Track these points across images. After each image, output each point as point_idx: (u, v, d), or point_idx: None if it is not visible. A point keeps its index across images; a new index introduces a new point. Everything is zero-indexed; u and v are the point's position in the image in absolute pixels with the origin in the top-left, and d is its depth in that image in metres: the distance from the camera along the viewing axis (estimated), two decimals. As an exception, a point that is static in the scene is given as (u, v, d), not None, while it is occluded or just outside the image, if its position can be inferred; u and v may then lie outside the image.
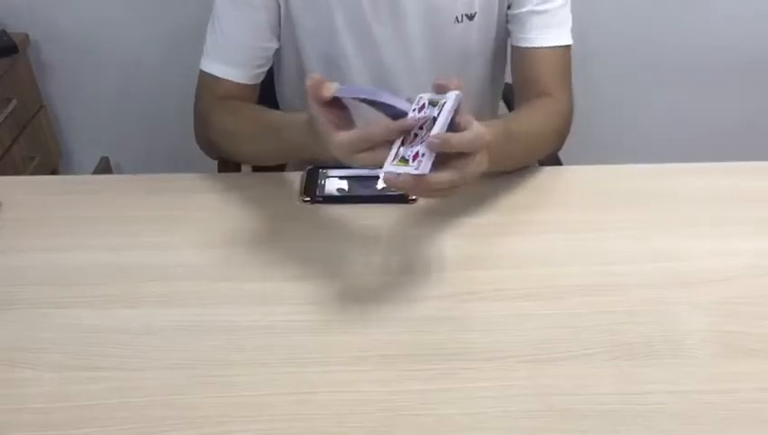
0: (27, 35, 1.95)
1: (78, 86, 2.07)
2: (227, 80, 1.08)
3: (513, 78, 1.13)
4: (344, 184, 1.02)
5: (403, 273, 0.87)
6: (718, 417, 0.70)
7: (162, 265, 0.90)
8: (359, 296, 0.85)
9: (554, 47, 1.08)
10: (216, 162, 1.19)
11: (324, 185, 1.02)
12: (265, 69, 1.12)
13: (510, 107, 1.44)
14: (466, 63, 1.14)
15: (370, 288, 0.86)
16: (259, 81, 1.12)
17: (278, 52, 1.14)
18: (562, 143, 1.09)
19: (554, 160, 1.14)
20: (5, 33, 1.87)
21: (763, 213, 0.98)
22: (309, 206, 0.99)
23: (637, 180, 1.06)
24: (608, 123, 2.02)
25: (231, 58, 1.08)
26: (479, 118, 0.79)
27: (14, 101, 1.88)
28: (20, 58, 1.92)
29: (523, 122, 1.00)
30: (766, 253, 0.91)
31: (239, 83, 1.09)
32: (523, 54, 1.09)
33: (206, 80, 1.10)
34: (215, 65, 1.09)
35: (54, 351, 0.78)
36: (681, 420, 0.70)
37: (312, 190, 1.01)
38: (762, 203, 1.00)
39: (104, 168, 2.17)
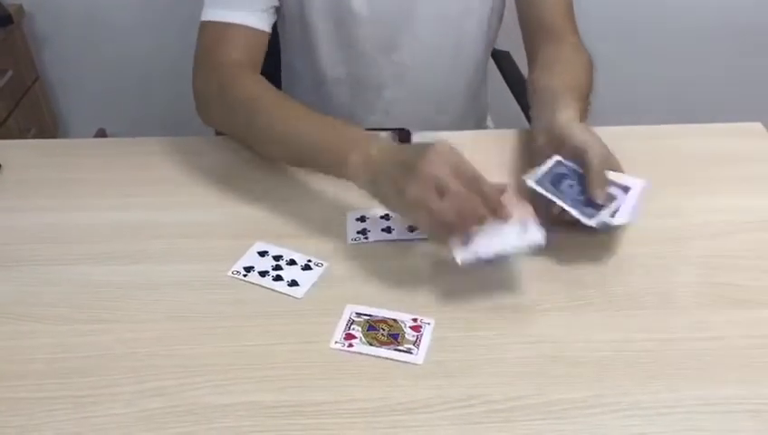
0: (21, 6, 1.95)
1: (73, 57, 2.07)
2: (248, 27, 1.02)
3: (523, 26, 1.14)
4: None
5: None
6: (704, 362, 0.73)
7: (163, 223, 0.92)
8: (357, 252, 0.87)
9: None
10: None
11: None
12: (275, 18, 1.08)
13: (503, 72, 1.46)
14: (465, 18, 1.16)
15: (369, 244, 0.88)
16: (270, 29, 1.07)
17: (283, 15, 1.15)
18: None
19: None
20: (0, 5, 1.87)
21: (749, 172, 1.01)
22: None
23: (627, 141, 1.07)
24: (599, 85, 2.03)
25: (242, 2, 1.02)
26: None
27: (10, 73, 1.89)
28: (14, 29, 1.92)
29: (582, 81, 1.04)
30: (752, 210, 0.94)
31: (256, 30, 1.03)
32: None
33: (219, 31, 1.02)
34: (225, 12, 1.02)
35: (59, 305, 0.80)
36: (668, 365, 0.72)
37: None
38: (748, 162, 1.03)
39: (100, 139, 2.18)
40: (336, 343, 0.75)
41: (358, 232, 0.90)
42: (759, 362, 0.73)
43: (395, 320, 0.77)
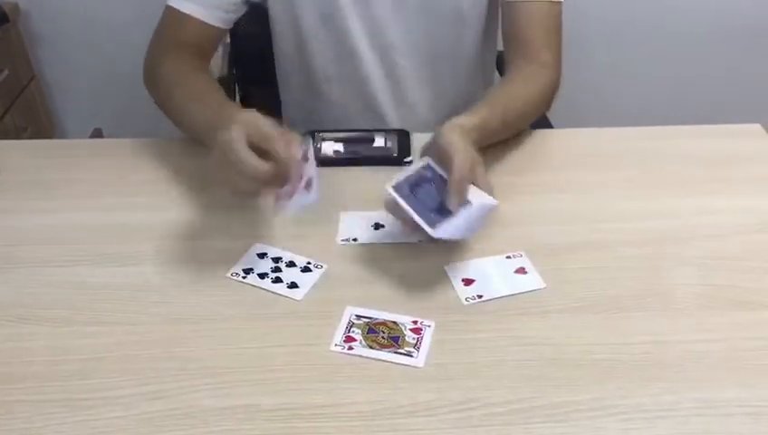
0: (17, 5, 1.94)
1: (69, 56, 2.07)
2: (196, 19, 1.08)
3: (503, 36, 1.14)
4: (340, 146, 1.04)
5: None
6: (704, 364, 0.73)
7: (162, 224, 0.92)
8: (357, 254, 0.87)
9: (544, 2, 1.08)
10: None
11: (320, 148, 1.03)
12: (235, 17, 1.13)
13: (501, 72, 1.45)
14: (458, 21, 1.15)
15: (368, 247, 0.88)
16: (227, 27, 1.13)
17: (272, 15, 1.15)
18: (549, 108, 1.11)
19: (545, 124, 1.16)
20: (-4, 3, 1.87)
21: (748, 173, 1.01)
22: (305, 168, 1.01)
23: (627, 142, 1.08)
24: (599, 86, 2.04)
25: None
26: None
27: (6, 72, 1.89)
28: (10, 28, 1.92)
29: (512, 103, 1.01)
30: (750, 211, 0.94)
31: (208, 25, 1.09)
32: (511, 9, 1.10)
33: (172, 16, 1.09)
34: (184, 3, 1.08)
35: (57, 307, 0.80)
36: (668, 367, 0.72)
37: (307, 153, 1.02)
38: (746, 163, 1.03)
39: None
40: (336, 345, 0.74)
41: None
42: (759, 364, 0.73)
43: (395, 322, 0.77)
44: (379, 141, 1.05)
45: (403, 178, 0.84)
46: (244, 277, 0.83)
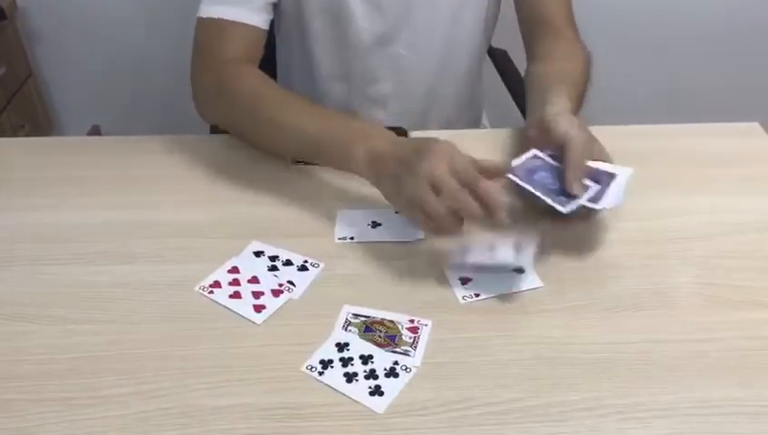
0: (15, 1, 1.94)
1: (67, 53, 2.06)
2: (245, 24, 1.00)
3: (522, 20, 1.15)
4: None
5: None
6: (702, 364, 0.73)
7: (158, 222, 0.91)
8: (354, 253, 0.87)
9: None
10: (208, 126, 1.19)
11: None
12: (271, 15, 1.07)
13: (500, 70, 1.45)
14: (461, 11, 1.15)
15: (365, 245, 0.88)
16: (267, 26, 1.06)
17: (277, 11, 1.14)
18: None
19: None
20: (-7, 0, 1.86)
21: (747, 172, 1.01)
22: (302, 166, 1.00)
23: (624, 140, 1.07)
24: (596, 84, 2.03)
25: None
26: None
27: (3, 69, 1.88)
28: (8, 24, 1.91)
29: (574, 81, 1.03)
30: (750, 210, 0.93)
31: (257, 28, 1.02)
32: None
33: (215, 28, 1.00)
34: (222, 8, 1.00)
35: (52, 305, 0.79)
36: (666, 366, 0.72)
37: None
38: (745, 163, 1.03)
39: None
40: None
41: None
42: (758, 363, 0.73)
43: (392, 321, 0.77)
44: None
45: (516, 166, 0.86)
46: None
